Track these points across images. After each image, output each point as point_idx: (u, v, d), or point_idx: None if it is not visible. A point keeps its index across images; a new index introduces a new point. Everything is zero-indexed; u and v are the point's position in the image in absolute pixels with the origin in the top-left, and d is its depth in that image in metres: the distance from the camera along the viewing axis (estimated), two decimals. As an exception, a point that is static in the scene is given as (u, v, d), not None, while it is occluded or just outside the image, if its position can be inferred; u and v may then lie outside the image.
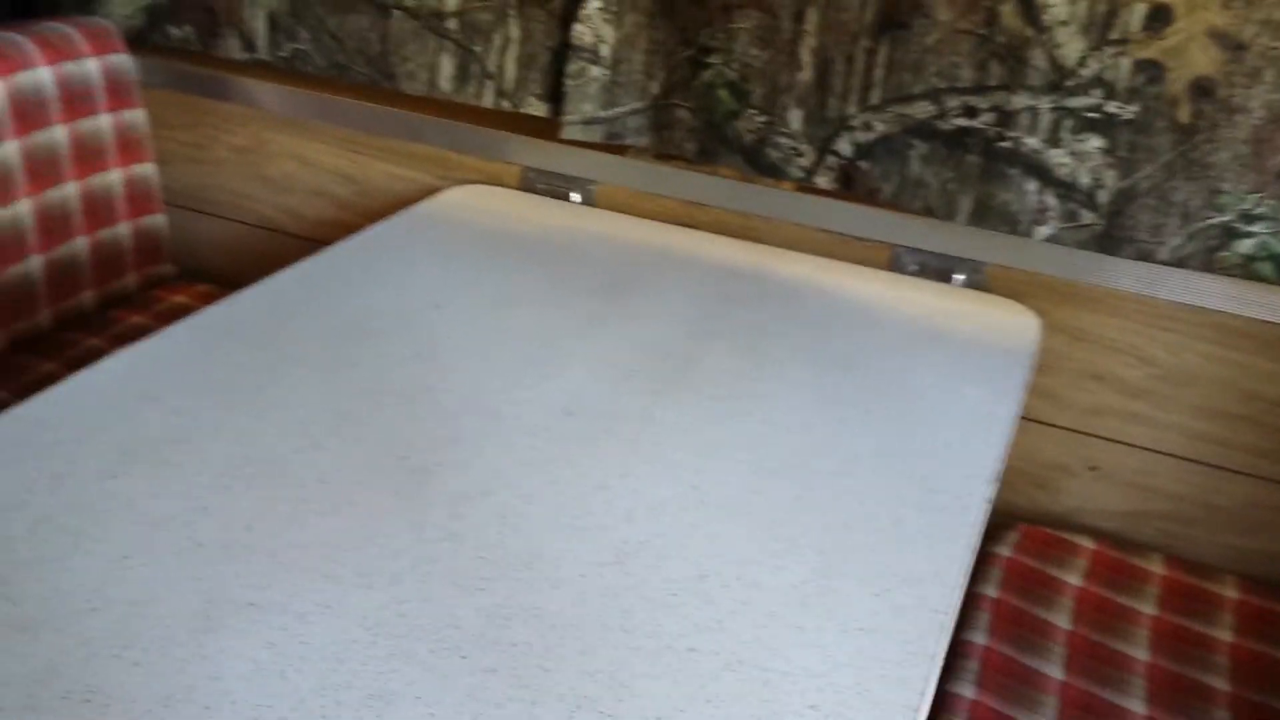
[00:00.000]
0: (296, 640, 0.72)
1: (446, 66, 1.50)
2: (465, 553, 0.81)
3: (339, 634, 0.72)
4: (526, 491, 0.89)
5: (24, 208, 1.52)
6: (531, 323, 1.15)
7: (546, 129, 1.49)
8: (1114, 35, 1.15)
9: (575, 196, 1.53)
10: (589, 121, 1.42)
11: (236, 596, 0.75)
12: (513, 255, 1.31)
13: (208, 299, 1.62)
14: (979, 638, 1.08)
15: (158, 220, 1.73)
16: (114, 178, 1.66)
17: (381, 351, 1.07)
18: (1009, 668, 1.04)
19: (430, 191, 1.61)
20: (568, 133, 1.42)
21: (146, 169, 1.70)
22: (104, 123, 1.62)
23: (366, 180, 1.67)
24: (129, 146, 1.66)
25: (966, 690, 1.02)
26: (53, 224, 1.57)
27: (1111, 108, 1.17)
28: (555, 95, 1.45)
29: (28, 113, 1.51)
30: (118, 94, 1.63)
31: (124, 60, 1.63)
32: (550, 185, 1.54)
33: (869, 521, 0.89)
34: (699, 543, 0.84)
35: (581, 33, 1.37)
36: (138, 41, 1.67)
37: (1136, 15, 1.14)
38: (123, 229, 1.69)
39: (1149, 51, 1.14)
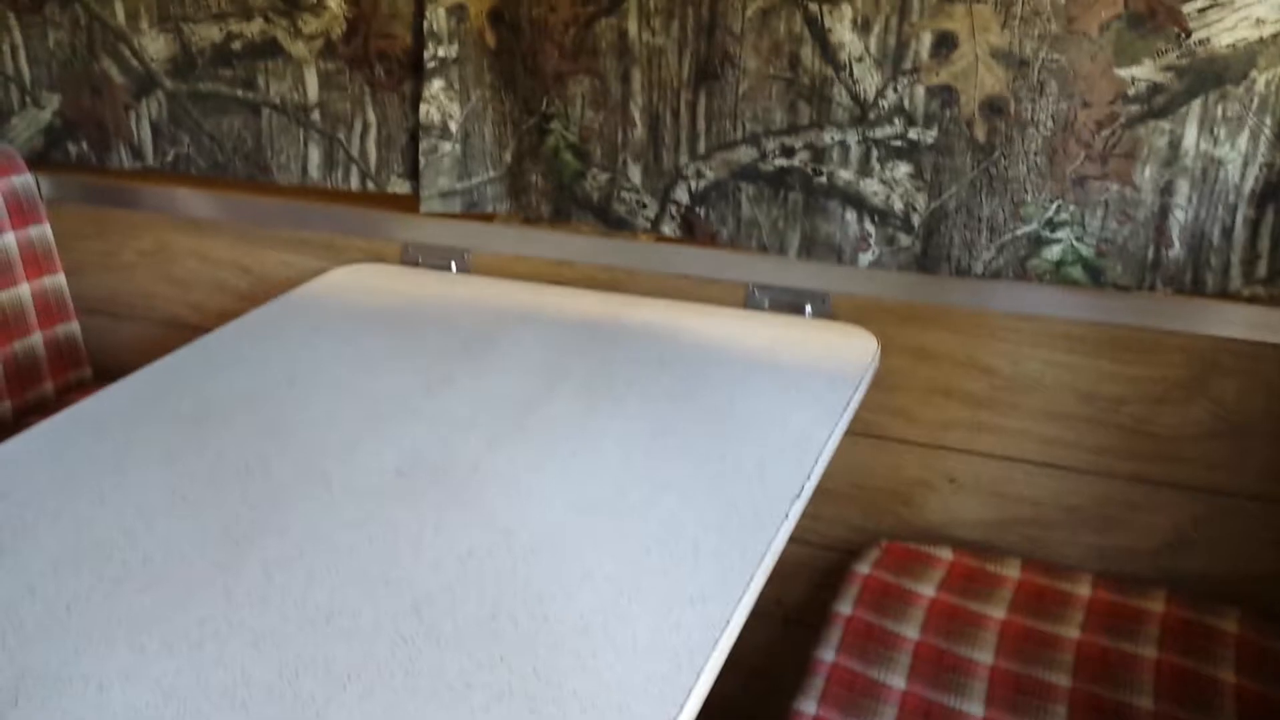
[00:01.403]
0: (93, 709, 0.76)
1: (315, 155, 1.56)
2: (270, 613, 0.85)
3: (134, 700, 0.76)
4: (340, 550, 0.93)
5: (-75, 328, 1.59)
6: (383, 389, 1.20)
7: (405, 203, 1.56)
8: (906, 66, 1.21)
9: (453, 266, 1.58)
10: (446, 195, 1.48)
11: (45, 672, 0.79)
12: (380, 327, 1.37)
13: (115, 399, 1.68)
14: (829, 654, 1.11)
15: (71, 327, 1.80)
16: (24, 291, 1.73)
17: (227, 431, 1.12)
18: (853, 681, 1.07)
19: (318, 273, 1.67)
20: (426, 207, 1.49)
21: (57, 280, 1.77)
22: (9, 240, 1.69)
23: (261, 270, 1.73)
24: (37, 260, 1.74)
25: (810, 706, 1.04)
26: (-42, 341, 1.63)
27: (914, 135, 1.22)
28: (416, 173, 1.51)
29: (-76, 237, 1.58)
30: (22, 212, 1.71)
31: (27, 180, 1.71)
32: (428, 258, 1.60)
33: (667, 546, 0.93)
34: (497, 584, 0.88)
35: (429, 112, 1.43)
36: (42, 160, 1.75)
37: (924, 44, 1.20)
38: (36, 339, 1.76)
39: (940, 78, 1.20)
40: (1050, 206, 1.19)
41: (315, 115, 1.55)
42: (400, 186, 1.53)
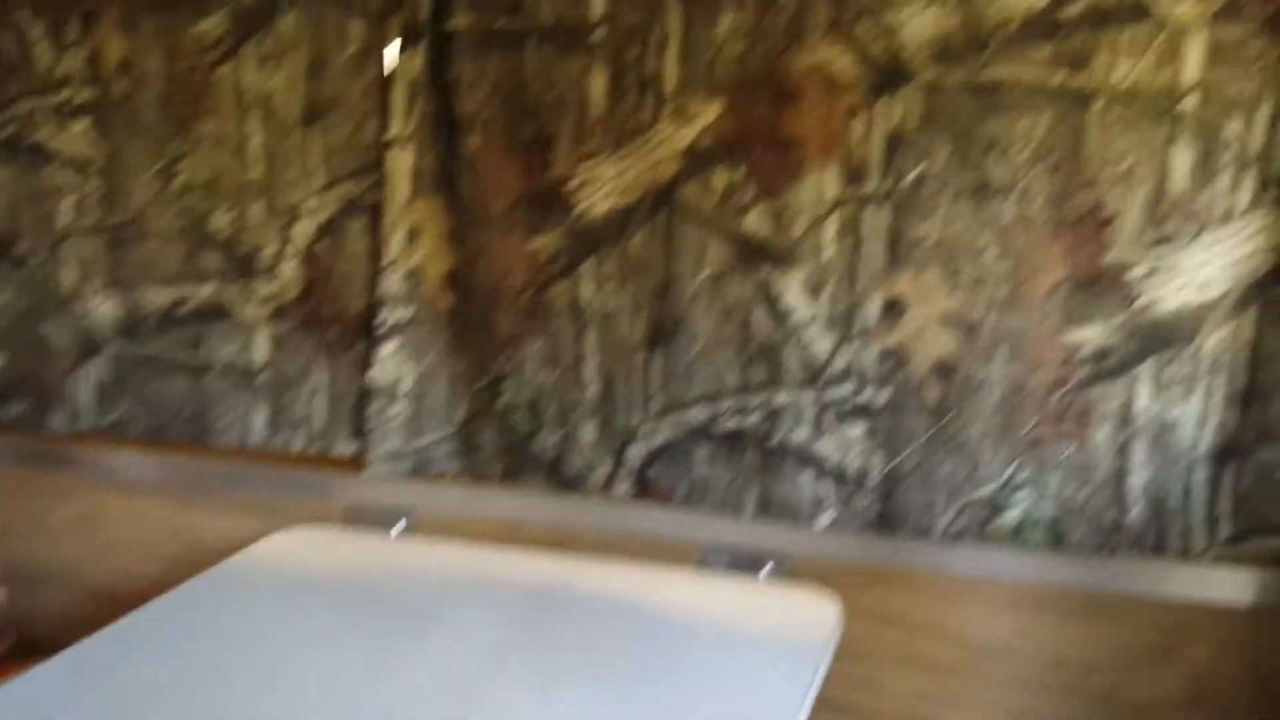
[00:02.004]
0: None
1: (259, 418, 1.53)
2: None
3: None
4: None
5: None
6: (318, 675, 1.12)
7: (352, 464, 1.52)
8: (856, 329, 1.22)
9: (399, 526, 1.53)
10: (395, 456, 1.44)
11: None
12: (318, 601, 1.30)
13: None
14: None
15: (-9, 596, 1.70)
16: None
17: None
18: None
19: (257, 536, 1.61)
20: (374, 470, 1.45)
21: (-22, 546, 1.69)
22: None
23: (197, 535, 1.66)
24: (-43, 527, 1.66)
25: None
26: None
27: (866, 396, 1.22)
28: (364, 433, 1.48)
29: None
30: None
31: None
32: (373, 519, 1.54)
33: None
34: None
35: (378, 374, 1.42)
36: (-31, 424, 1.70)
37: (874, 309, 1.21)
38: (-45, 609, 1.66)
39: (890, 341, 1.21)
40: (1008, 469, 1.18)
41: (263, 378, 1.52)
42: (347, 448, 1.50)
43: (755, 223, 1.24)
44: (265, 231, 1.48)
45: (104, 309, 1.60)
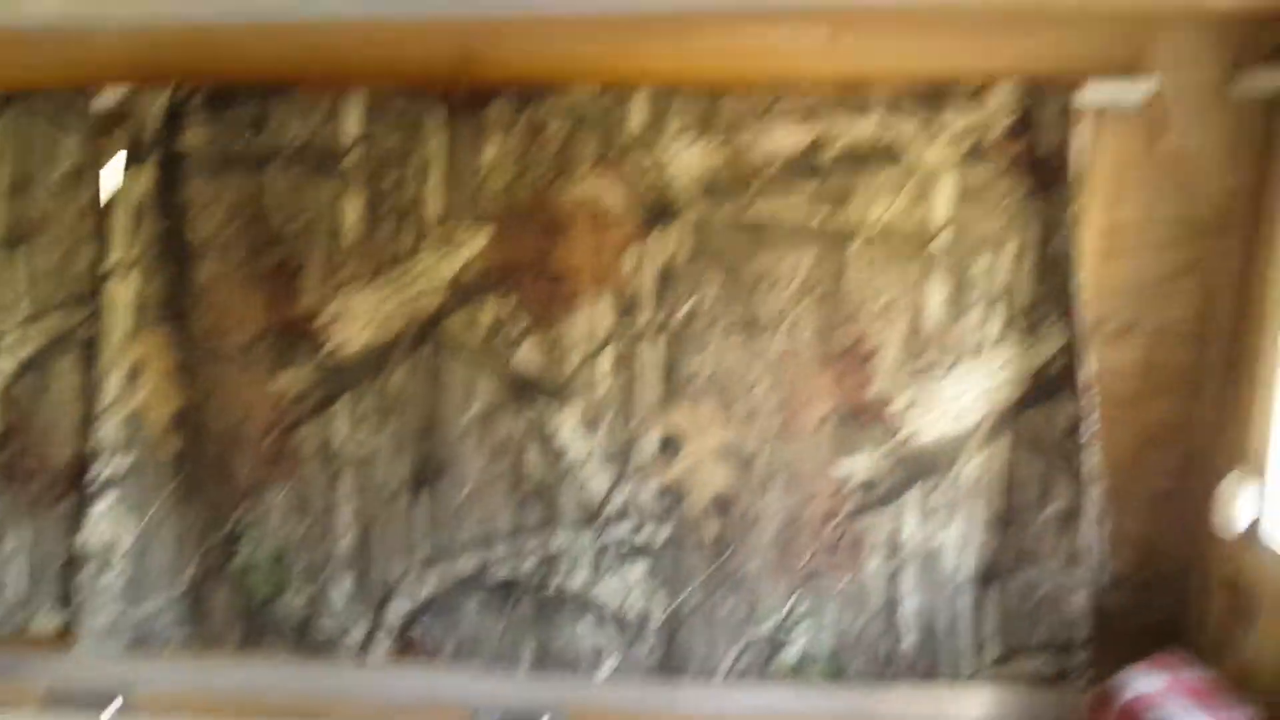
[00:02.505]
0: None
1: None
2: None
3: None
4: None
5: None
6: None
7: (56, 640, 1.31)
8: (633, 465, 1.18)
9: (112, 707, 1.33)
10: (110, 629, 1.26)
11: None
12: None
13: None
14: None
15: None
16: None
17: None
18: None
19: (-68, 734, 1.35)
20: (86, 648, 1.26)
21: None
22: None
23: None
24: None
25: None
26: None
27: (645, 534, 1.18)
28: (72, 604, 1.28)
29: None
30: None
31: None
32: (80, 701, 1.33)
33: None
34: None
35: (90, 536, 1.24)
36: None
37: (650, 444, 1.18)
38: None
39: (668, 476, 1.18)
40: (787, 602, 1.17)
41: (-62, 542, 1.30)
42: (51, 620, 1.29)
43: (527, 357, 1.19)
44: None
45: None
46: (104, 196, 1.26)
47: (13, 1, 1.10)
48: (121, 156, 1.24)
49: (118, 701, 1.33)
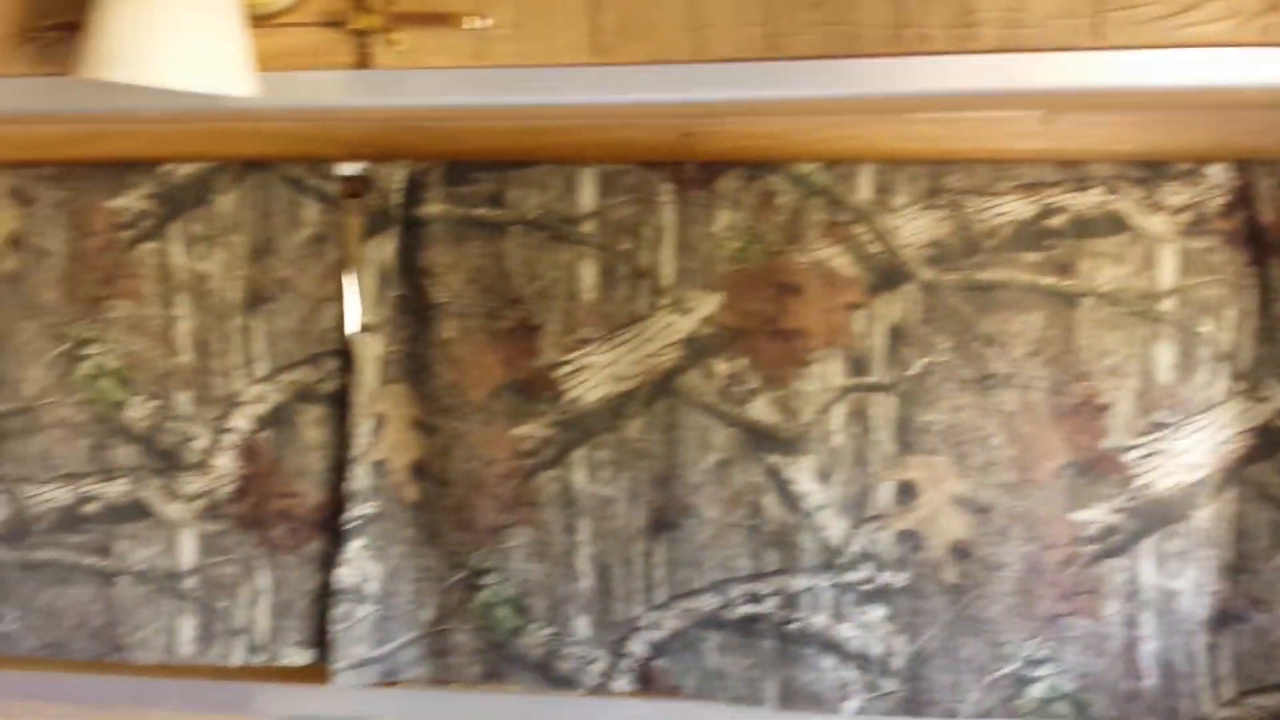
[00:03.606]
0: None
1: (186, 629, 1.37)
2: None
3: None
4: None
5: None
6: None
7: (302, 674, 1.39)
8: (870, 512, 1.25)
9: (353, 736, 1.40)
10: (362, 664, 1.33)
11: None
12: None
13: None
14: None
15: None
16: None
17: None
18: None
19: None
20: (341, 681, 1.33)
21: None
22: None
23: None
24: None
25: None
26: None
27: (884, 578, 1.26)
28: (317, 641, 1.36)
29: None
30: None
31: None
32: (318, 731, 1.41)
33: None
34: None
35: (345, 574, 1.31)
36: None
37: (886, 492, 1.25)
38: None
39: (905, 523, 1.25)
40: (1028, 645, 1.24)
41: (189, 583, 1.37)
42: (298, 657, 1.37)
43: (760, 410, 1.26)
44: (195, 423, 1.34)
45: (-16, 511, 1.39)
46: (346, 262, 1.32)
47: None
48: (362, 224, 1.30)
49: (356, 731, 1.41)
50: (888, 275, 1.23)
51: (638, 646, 1.30)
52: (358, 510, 1.31)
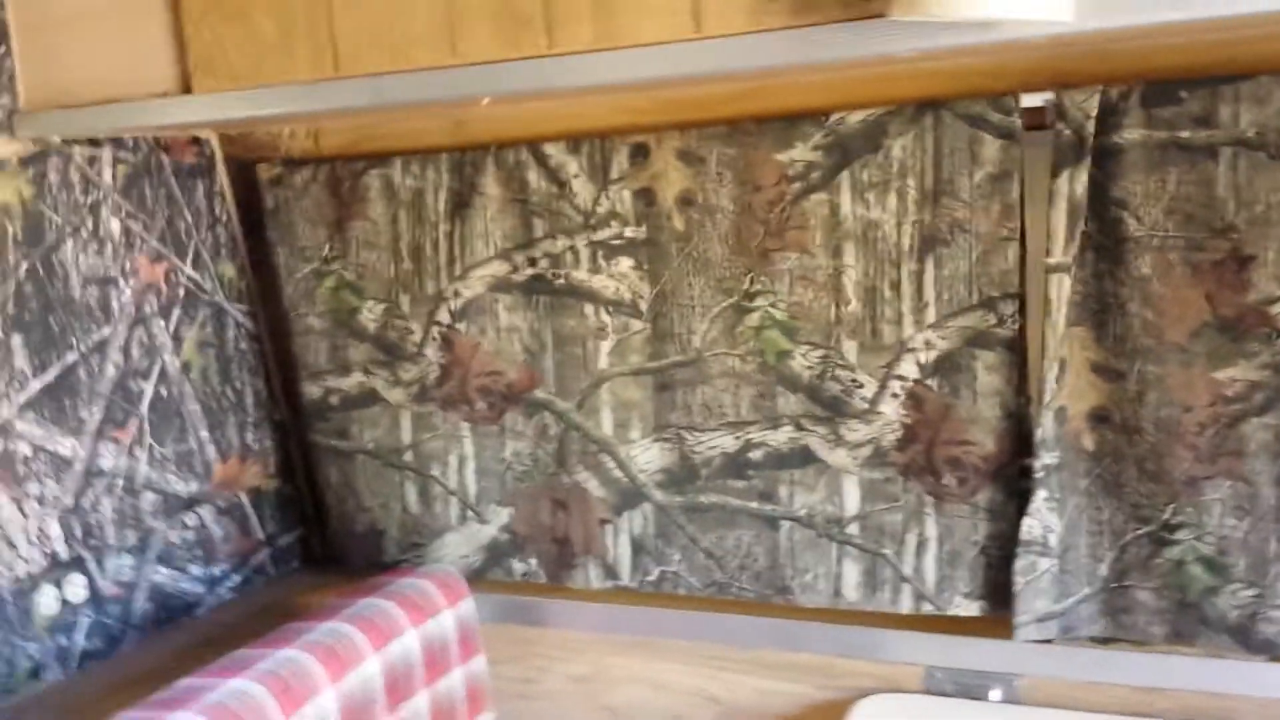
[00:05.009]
0: None
1: (851, 574, 1.39)
2: None
3: None
4: None
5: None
6: None
7: (943, 622, 1.37)
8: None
9: (994, 694, 1.36)
10: (1043, 619, 1.29)
11: None
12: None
13: None
14: None
15: (492, 770, 1.56)
16: (459, 733, 1.50)
17: None
18: None
19: (809, 705, 1.46)
20: (1022, 634, 1.29)
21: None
22: (456, 679, 1.49)
23: (733, 700, 1.51)
24: (475, 699, 1.52)
25: None
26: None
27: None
28: (987, 593, 1.33)
29: (397, 685, 1.38)
30: (466, 645, 1.51)
31: (470, 607, 1.53)
32: (961, 684, 1.38)
33: None
34: None
35: (1031, 526, 1.27)
36: (474, 580, 1.58)
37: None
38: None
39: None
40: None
41: (853, 529, 1.38)
42: (966, 608, 1.35)
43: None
44: (861, 371, 1.36)
45: (646, 456, 1.48)
46: (1025, 200, 1.28)
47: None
48: (1051, 157, 1.25)
49: (1000, 689, 1.36)
50: None
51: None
52: (1044, 460, 1.26)
